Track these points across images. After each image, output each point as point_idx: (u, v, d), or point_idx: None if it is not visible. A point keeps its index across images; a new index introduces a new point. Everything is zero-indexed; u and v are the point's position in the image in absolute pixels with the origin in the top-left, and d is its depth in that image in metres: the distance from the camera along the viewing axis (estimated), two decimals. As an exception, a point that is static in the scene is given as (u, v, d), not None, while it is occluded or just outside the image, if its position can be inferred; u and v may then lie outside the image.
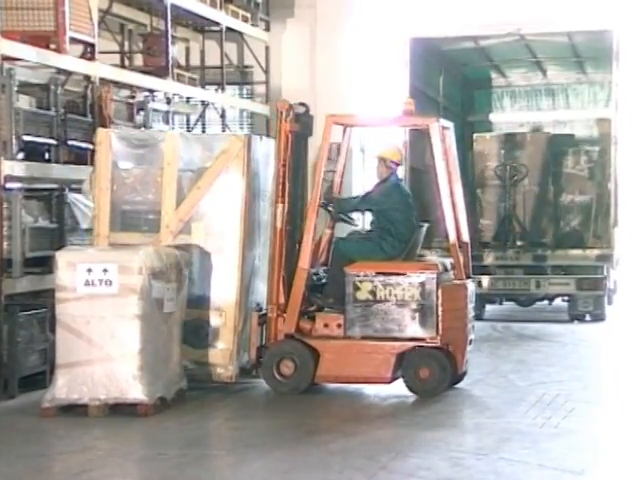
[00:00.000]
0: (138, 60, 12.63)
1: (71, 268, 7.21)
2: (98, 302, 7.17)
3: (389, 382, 8.04)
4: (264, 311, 8.26)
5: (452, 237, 8.05)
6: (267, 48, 13.70)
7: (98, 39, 9.61)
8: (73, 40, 9.05)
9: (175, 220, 8.18)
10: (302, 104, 8.49)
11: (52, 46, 8.80)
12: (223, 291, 8.15)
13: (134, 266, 7.19)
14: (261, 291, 8.51)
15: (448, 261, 8.26)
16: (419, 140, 11.29)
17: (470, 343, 8.17)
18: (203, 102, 12.96)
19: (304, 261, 8.13)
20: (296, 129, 8.22)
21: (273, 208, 8.19)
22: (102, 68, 9.74)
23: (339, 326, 8.07)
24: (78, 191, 8.92)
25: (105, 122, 9.47)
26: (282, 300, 8.13)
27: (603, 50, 12.51)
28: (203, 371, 8.12)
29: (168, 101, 11.49)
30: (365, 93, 13.90)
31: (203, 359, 8.14)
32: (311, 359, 8.05)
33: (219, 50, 12.75)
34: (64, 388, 7.16)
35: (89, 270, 7.17)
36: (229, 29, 12.76)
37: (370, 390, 8.25)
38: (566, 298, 12.90)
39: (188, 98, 12.90)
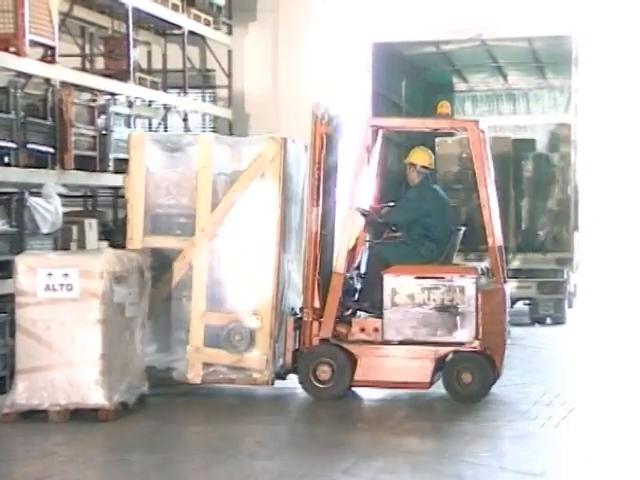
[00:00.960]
0: (99, 63, 12.56)
1: (31, 272, 7.15)
2: (59, 307, 7.12)
3: (428, 387, 7.98)
4: (299, 315, 8.20)
5: (491, 241, 7.96)
6: (229, 52, 13.69)
7: (59, 42, 9.55)
8: (33, 43, 8.99)
9: (210, 223, 8.09)
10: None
11: (11, 49, 8.73)
12: (259, 295, 8.06)
13: (95, 270, 7.14)
14: (292, 296, 8.47)
15: (482, 265, 8.30)
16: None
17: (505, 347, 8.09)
18: (165, 106, 12.91)
19: (340, 266, 8.05)
20: (330, 132, 8.16)
21: (308, 212, 8.13)
22: (63, 71, 9.68)
23: (376, 330, 7.96)
24: (38, 195, 8.85)
25: (66, 125, 9.41)
26: (317, 304, 8.03)
27: (562, 55, 12.64)
28: (238, 376, 8.06)
29: (130, 105, 11.44)
30: (328, 97, 13.91)
31: (238, 364, 8.06)
32: (348, 364, 7.95)
33: (181, 53, 12.72)
34: (24, 393, 7.09)
35: (49, 274, 7.11)
36: (191, 33, 12.73)
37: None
38: (527, 301, 13.01)
39: (150, 102, 12.85)
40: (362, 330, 8.03)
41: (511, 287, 8.27)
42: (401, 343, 7.93)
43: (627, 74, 12.88)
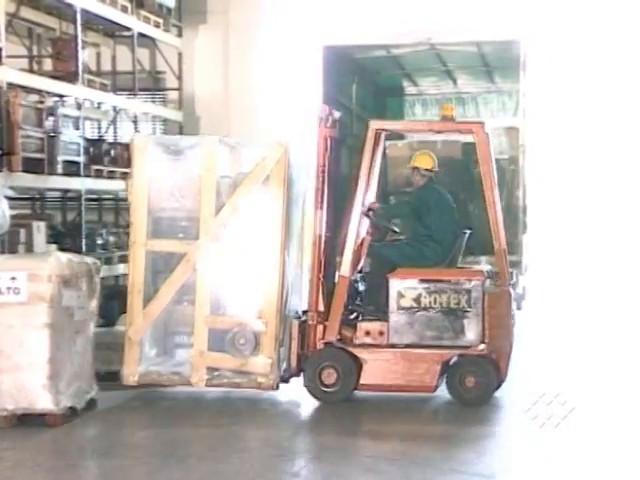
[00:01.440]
0: (47, 65, 12.43)
1: (-22, 276, 7.07)
2: (6, 310, 7.04)
3: (433, 391, 7.92)
4: (303, 319, 8.16)
5: (497, 244, 7.94)
6: (180, 54, 13.64)
7: (5, 43, 9.43)
8: (-21, 44, 8.87)
9: (214, 227, 8.05)
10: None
11: (-43, 49, 8.62)
12: (264, 299, 8.00)
13: (43, 274, 7.07)
14: (296, 300, 8.41)
15: (487, 268, 8.25)
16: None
17: (512, 351, 8.03)
18: (115, 108, 12.82)
19: (345, 269, 8.00)
20: (334, 134, 8.14)
21: (313, 215, 8.10)
22: (9, 72, 9.57)
23: (381, 334, 7.92)
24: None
25: (13, 127, 9.31)
26: (322, 308, 8.01)
27: (510, 60, 12.76)
28: (242, 380, 8.03)
29: (78, 107, 11.34)
30: (279, 99, 13.94)
31: (243, 368, 8.01)
32: (354, 367, 7.90)
33: (131, 55, 12.64)
34: (-29, 399, 7.01)
35: (-4, 278, 7.04)
36: (141, 34, 12.66)
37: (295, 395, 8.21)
38: (477, 303, 13.10)
39: (99, 104, 12.75)
40: (367, 333, 7.97)
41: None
42: (407, 346, 7.88)
43: (573, 78, 13.05)
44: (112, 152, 12.06)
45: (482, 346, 7.81)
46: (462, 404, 7.84)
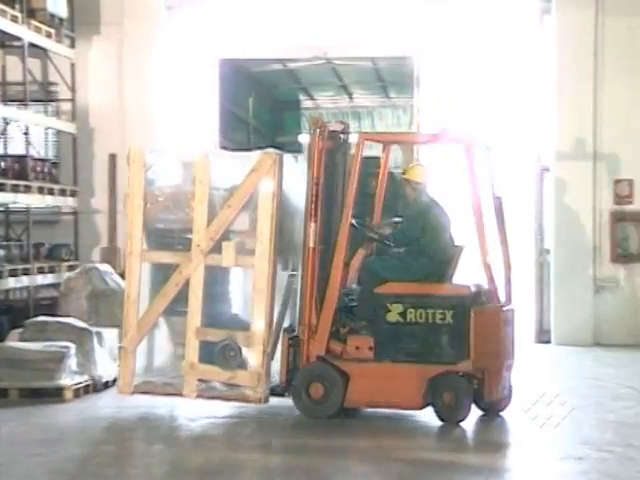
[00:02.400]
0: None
1: None
2: None
3: (420, 408, 7.89)
4: (295, 333, 8.10)
5: (483, 258, 7.83)
6: (73, 65, 13.40)
7: None
8: None
9: (206, 239, 8.05)
10: (342, 122, 8.47)
11: None
12: (252, 311, 8.02)
13: None
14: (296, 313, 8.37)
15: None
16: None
17: (508, 369, 8.08)
18: (5, 119, 12.56)
19: (335, 282, 7.95)
20: (330, 147, 8.10)
21: (306, 227, 8.04)
22: None
23: (370, 349, 7.89)
24: None
25: None
26: (314, 321, 7.96)
27: (404, 75, 13.06)
28: (232, 392, 8.04)
29: (-34, 117, 11.06)
30: (175, 112, 13.86)
31: (231, 380, 8.05)
32: (341, 383, 7.89)
33: (22, 66, 12.40)
34: None
35: None
36: (32, 45, 12.43)
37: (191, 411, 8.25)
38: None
39: (-12, 115, 12.47)
40: (357, 348, 7.97)
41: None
42: (393, 362, 7.85)
43: (466, 94, 13.35)
44: (2, 164, 11.83)
45: (466, 363, 7.73)
46: (444, 422, 7.90)
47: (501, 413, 8.27)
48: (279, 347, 8.14)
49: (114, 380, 9.66)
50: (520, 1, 13.23)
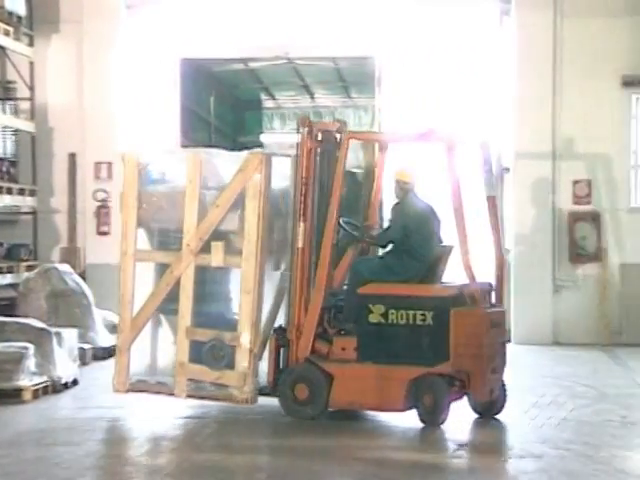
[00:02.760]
0: None
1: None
2: None
3: (402, 410, 7.80)
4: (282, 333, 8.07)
5: (464, 260, 7.71)
6: (31, 63, 13.29)
7: None
8: None
9: (195, 239, 8.07)
10: (338, 121, 8.42)
11: None
12: (239, 311, 8.02)
13: None
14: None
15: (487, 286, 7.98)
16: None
17: (495, 371, 7.92)
18: (-38, 118, 12.44)
19: (320, 283, 7.90)
20: (319, 146, 8.05)
21: (294, 227, 8.00)
22: None
23: (354, 350, 7.84)
24: None
25: None
26: (302, 322, 7.94)
27: (366, 75, 13.09)
28: (220, 392, 8.07)
29: None
30: (135, 111, 13.80)
31: (219, 380, 8.07)
32: (325, 384, 7.83)
33: (-21, 64, 12.30)
34: None
35: None
36: (-10, 43, 12.33)
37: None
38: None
39: (-54, 113, 12.34)
40: (343, 349, 7.91)
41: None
42: (375, 363, 7.78)
43: (426, 95, 13.43)
44: (-41, 163, 11.72)
45: (445, 365, 7.64)
46: (426, 424, 7.81)
47: (497, 416, 8.21)
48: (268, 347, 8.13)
49: (73, 381, 9.61)
50: (480, 2, 13.32)
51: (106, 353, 11.23)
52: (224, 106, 14.92)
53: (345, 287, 8.33)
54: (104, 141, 13.30)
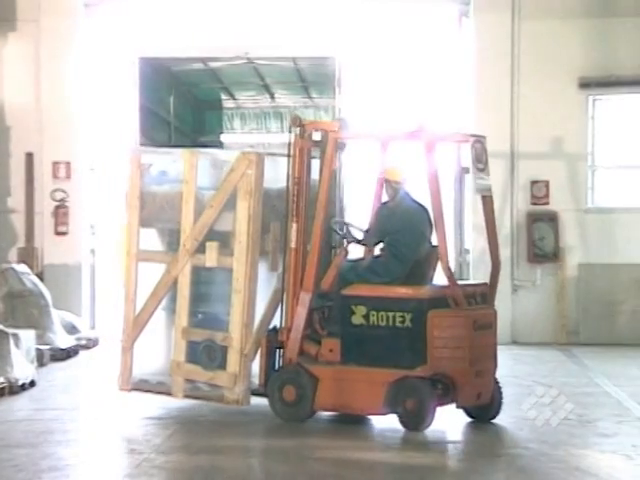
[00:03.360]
0: None
1: None
2: None
3: (383, 414, 7.69)
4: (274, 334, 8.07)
5: (443, 261, 7.59)
6: (-12, 62, 13.20)
7: None
8: None
9: (190, 239, 8.10)
10: (339, 119, 8.40)
11: None
12: (231, 312, 8.04)
13: None
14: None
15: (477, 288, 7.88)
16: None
17: (481, 375, 7.76)
18: None
19: (308, 284, 7.84)
20: (314, 146, 7.97)
21: (287, 227, 7.94)
22: None
23: (339, 352, 7.80)
24: None
25: None
26: None
27: (326, 76, 13.07)
28: (214, 393, 8.12)
29: None
30: (94, 111, 13.71)
31: (212, 381, 8.14)
32: (311, 386, 7.78)
33: None
34: None
35: None
36: (-55, 40, 12.21)
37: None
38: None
39: None
40: (330, 351, 7.85)
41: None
42: (358, 365, 7.71)
43: (387, 95, 13.49)
44: None
45: (423, 368, 7.54)
46: (406, 429, 7.63)
47: (492, 420, 8.07)
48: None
49: (31, 382, 9.53)
50: (440, 3, 13.41)
51: (64, 354, 11.17)
52: (184, 106, 14.83)
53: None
54: (62, 140, 13.21)
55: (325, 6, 13.00)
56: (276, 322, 8.27)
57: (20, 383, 9.33)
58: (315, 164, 8.20)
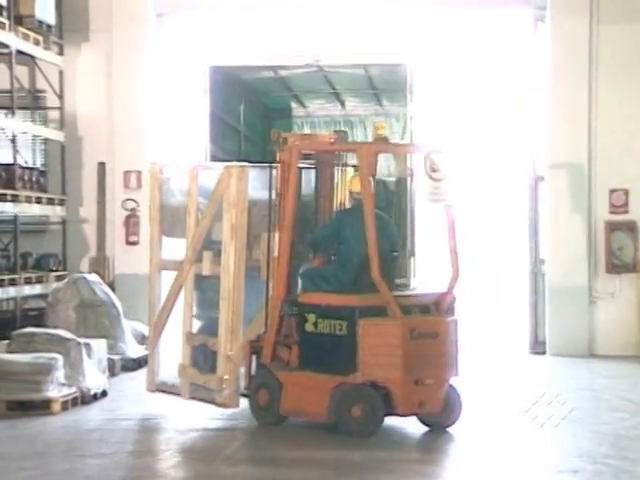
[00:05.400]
0: None
1: None
2: None
3: (329, 420, 7.94)
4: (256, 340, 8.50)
5: (374, 269, 7.78)
6: (61, 72, 13.39)
7: None
8: None
9: (190, 249, 8.80)
10: (337, 132, 8.82)
11: None
12: (219, 317, 8.54)
13: None
14: None
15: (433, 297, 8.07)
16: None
17: (421, 383, 7.85)
18: (-8, 127, 12.56)
19: (278, 292, 8.21)
20: (287, 158, 8.28)
21: (270, 238, 8.36)
22: None
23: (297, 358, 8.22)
24: None
25: None
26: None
27: (397, 83, 13.09)
28: (209, 395, 8.61)
29: (-47, 125, 11.04)
30: (165, 121, 13.88)
31: (206, 384, 8.64)
32: (277, 391, 8.13)
33: (9, 73, 12.41)
34: None
35: None
36: (19, 52, 12.43)
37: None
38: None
39: (-25, 123, 12.46)
40: (297, 357, 8.20)
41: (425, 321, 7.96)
42: (311, 371, 8.03)
43: (459, 102, 13.40)
44: (-11, 172, 11.83)
45: (356, 375, 7.76)
46: (346, 435, 7.80)
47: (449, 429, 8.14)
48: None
49: (103, 392, 9.66)
50: (514, 9, 13.27)
51: (135, 364, 11.29)
52: (254, 114, 14.97)
53: None
54: (133, 150, 13.38)
55: (396, 12, 12.96)
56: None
57: (92, 393, 9.47)
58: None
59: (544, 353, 12.91)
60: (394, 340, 7.69)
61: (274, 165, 8.41)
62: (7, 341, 10.03)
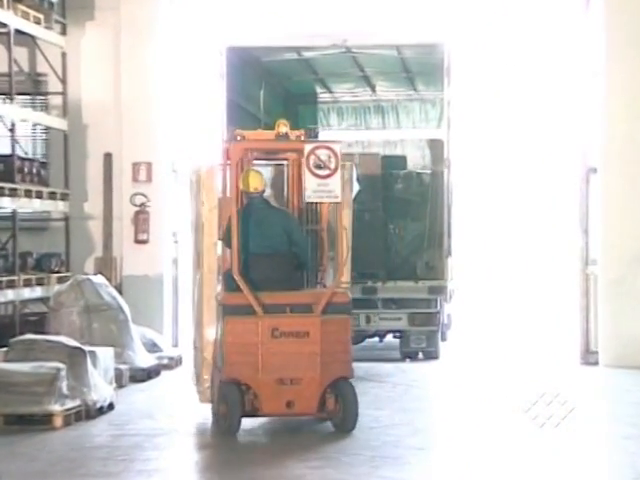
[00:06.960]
0: None
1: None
2: None
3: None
4: None
5: (234, 268, 8.42)
6: (64, 54, 13.45)
7: None
8: None
9: (195, 254, 9.52)
10: (309, 129, 9.45)
11: None
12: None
13: None
14: None
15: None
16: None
17: (286, 383, 8.31)
18: (-12, 114, 12.63)
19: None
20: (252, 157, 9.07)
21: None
22: None
23: None
24: None
25: None
26: None
27: (434, 65, 13.00)
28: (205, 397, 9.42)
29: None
30: (176, 106, 13.91)
31: (194, 381, 9.71)
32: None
33: (7, 55, 12.48)
34: None
35: None
36: (19, 32, 12.49)
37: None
38: (397, 334, 13.24)
39: (-29, 109, 12.54)
40: None
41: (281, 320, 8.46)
42: None
43: (502, 86, 13.33)
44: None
45: (221, 372, 8.50)
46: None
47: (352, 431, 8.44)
48: None
49: (109, 405, 9.68)
50: (563, -18, 13.18)
51: (145, 374, 11.33)
52: (275, 100, 14.94)
53: None
54: (143, 140, 13.42)
55: (432, -13, 12.91)
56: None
57: (98, 406, 9.48)
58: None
59: (597, 364, 12.82)
60: (252, 338, 8.27)
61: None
62: (5, 349, 10.08)
